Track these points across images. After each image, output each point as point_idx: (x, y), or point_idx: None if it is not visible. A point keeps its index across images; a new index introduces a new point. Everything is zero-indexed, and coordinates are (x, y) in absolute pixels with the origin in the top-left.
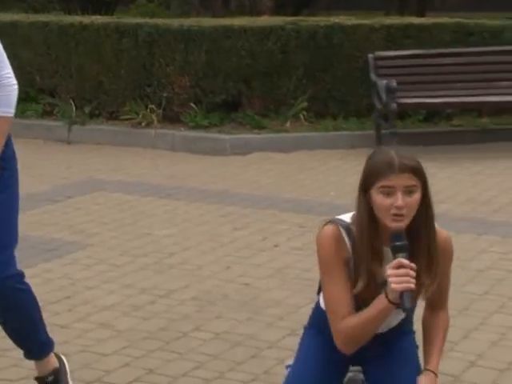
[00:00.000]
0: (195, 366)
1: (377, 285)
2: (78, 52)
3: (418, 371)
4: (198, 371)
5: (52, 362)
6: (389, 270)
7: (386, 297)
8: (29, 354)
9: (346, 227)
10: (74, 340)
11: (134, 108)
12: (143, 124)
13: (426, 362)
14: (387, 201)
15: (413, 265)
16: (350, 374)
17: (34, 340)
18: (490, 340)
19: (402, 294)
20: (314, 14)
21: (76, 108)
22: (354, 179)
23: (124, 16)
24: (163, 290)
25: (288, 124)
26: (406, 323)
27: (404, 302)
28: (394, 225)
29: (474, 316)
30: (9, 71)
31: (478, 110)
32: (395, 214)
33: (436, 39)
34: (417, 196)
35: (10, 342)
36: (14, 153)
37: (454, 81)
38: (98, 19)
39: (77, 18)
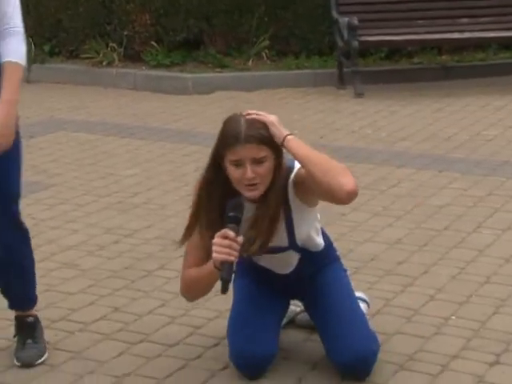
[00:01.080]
0: (160, 304)
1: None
2: None
3: (348, 292)
4: (163, 309)
5: (34, 310)
6: (215, 238)
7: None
8: (15, 304)
9: None
10: (39, 279)
11: (95, 46)
12: (104, 63)
13: None
14: (238, 172)
15: (239, 238)
16: (298, 316)
17: (24, 289)
18: (449, 274)
19: (222, 263)
20: None
21: (35, 46)
22: (317, 118)
23: None
24: (127, 230)
25: (250, 63)
26: (322, 257)
27: (223, 271)
28: (248, 194)
29: (433, 251)
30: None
31: (439, 47)
32: (247, 185)
33: None
34: (267, 164)
35: None
36: None
37: (415, 18)
38: None
39: None
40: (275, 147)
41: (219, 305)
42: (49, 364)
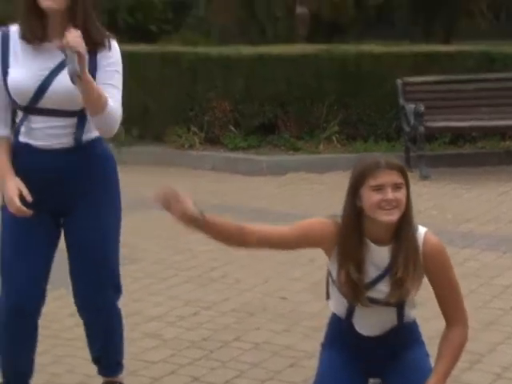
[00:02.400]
0: (237, 375)
1: (354, 278)
2: (125, 78)
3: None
4: (239, 379)
5: (121, 378)
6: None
7: None
8: (103, 370)
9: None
10: (126, 348)
11: (178, 131)
12: (186, 146)
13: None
14: (377, 196)
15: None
16: None
17: (114, 357)
18: None
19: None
20: (345, 41)
21: (124, 131)
22: None
23: (168, 45)
24: (206, 302)
25: (321, 146)
26: (409, 332)
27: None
28: (386, 218)
29: (499, 331)
30: None
31: (502, 133)
32: (386, 209)
33: (461, 65)
34: (403, 191)
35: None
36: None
37: (478, 105)
38: (144, 48)
39: (125, 47)
40: (408, 180)
41: (293, 377)
42: None
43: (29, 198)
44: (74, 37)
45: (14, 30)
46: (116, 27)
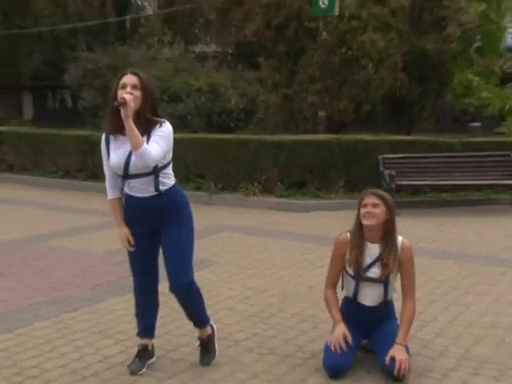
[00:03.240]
0: (279, 332)
1: (360, 267)
2: (215, 155)
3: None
4: (281, 335)
5: (208, 330)
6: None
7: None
8: (195, 325)
9: None
10: (213, 315)
11: (246, 185)
12: (251, 194)
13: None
14: (364, 210)
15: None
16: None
17: (199, 317)
18: (447, 320)
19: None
20: (347, 133)
21: (214, 185)
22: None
23: (241, 134)
24: (261, 289)
25: (333, 195)
26: (389, 310)
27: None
28: (367, 222)
29: (439, 305)
30: None
31: (442, 189)
32: (367, 216)
33: (417, 148)
34: (379, 210)
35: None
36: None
37: (428, 172)
38: (227, 136)
39: (215, 136)
40: (388, 206)
41: (315, 334)
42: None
43: (132, 243)
44: (127, 95)
45: None
46: (211, 124)
